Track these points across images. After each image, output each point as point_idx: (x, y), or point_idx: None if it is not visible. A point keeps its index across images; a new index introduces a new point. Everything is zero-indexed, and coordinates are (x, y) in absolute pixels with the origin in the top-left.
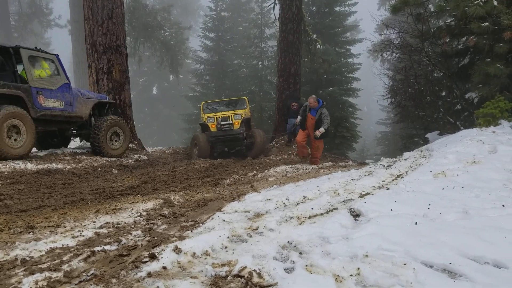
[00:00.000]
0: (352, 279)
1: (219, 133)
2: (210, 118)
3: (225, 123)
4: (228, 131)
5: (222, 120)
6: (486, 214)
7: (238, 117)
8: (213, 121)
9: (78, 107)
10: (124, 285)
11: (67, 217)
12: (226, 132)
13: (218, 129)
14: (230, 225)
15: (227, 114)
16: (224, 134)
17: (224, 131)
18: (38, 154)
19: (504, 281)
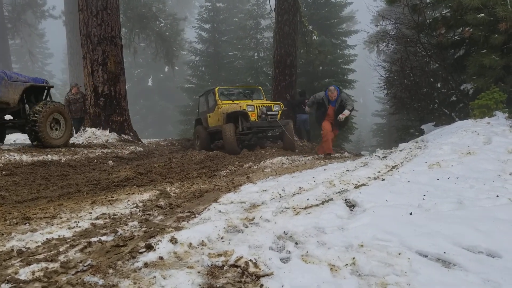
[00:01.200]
0: (347, 268)
1: (264, 123)
2: (249, 107)
3: (272, 114)
4: (274, 122)
5: (268, 110)
6: (480, 204)
7: (278, 107)
8: (253, 109)
9: (3, 92)
10: (121, 275)
11: (63, 208)
12: (271, 123)
13: (263, 119)
14: (226, 216)
15: (270, 104)
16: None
17: (269, 121)
18: None
19: (497, 270)
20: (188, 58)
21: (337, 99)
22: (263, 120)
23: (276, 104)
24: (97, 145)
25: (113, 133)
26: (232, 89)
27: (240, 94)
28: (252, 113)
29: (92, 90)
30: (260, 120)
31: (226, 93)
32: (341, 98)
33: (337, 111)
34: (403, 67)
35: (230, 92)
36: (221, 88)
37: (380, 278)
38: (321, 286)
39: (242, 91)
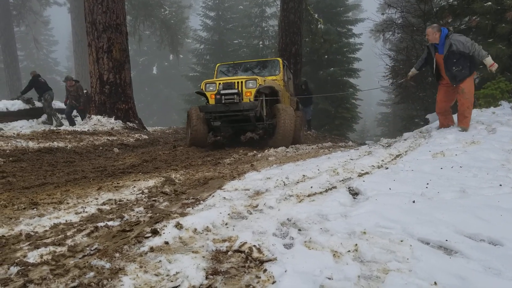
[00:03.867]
0: (349, 255)
1: (218, 107)
2: (210, 85)
3: (228, 93)
4: (232, 105)
5: (224, 88)
6: (483, 193)
7: (251, 85)
8: (214, 89)
9: None
10: (127, 259)
11: (69, 194)
12: (228, 107)
13: (217, 101)
14: (230, 202)
15: (234, 80)
16: (225, 110)
17: (225, 104)
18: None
19: (498, 258)
20: (193, 46)
21: (445, 42)
22: (218, 103)
23: (251, 79)
24: (103, 133)
25: (118, 120)
26: (236, 64)
27: (244, 69)
28: (211, 93)
29: (97, 77)
30: (215, 103)
31: (226, 70)
32: (451, 42)
33: (447, 60)
34: (409, 56)
35: (231, 67)
36: (222, 64)
37: (382, 264)
38: (324, 272)
39: (251, 66)
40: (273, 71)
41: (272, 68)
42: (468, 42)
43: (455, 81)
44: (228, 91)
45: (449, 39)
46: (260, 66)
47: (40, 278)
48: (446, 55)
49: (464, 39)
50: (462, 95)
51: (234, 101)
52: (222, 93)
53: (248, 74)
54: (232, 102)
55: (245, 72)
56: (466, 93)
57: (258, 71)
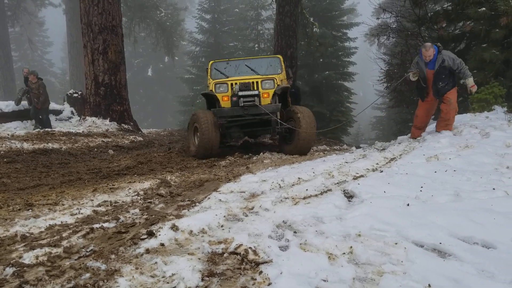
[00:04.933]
0: (344, 257)
1: (236, 111)
2: (221, 86)
3: (247, 95)
4: (252, 108)
5: (242, 89)
6: (476, 197)
7: (268, 85)
8: (226, 90)
9: None
10: (123, 260)
11: (65, 196)
12: (247, 110)
13: (234, 104)
14: (226, 204)
15: (251, 79)
16: (244, 114)
17: (243, 107)
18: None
19: (491, 261)
20: (188, 48)
21: (436, 59)
22: (235, 106)
23: (267, 78)
24: (97, 134)
25: (113, 122)
26: (232, 61)
27: (243, 68)
28: (223, 95)
29: (93, 79)
30: (231, 106)
31: (222, 68)
32: (443, 58)
33: (436, 75)
34: (403, 60)
35: (228, 65)
36: (216, 62)
37: (377, 267)
38: (319, 274)
39: (249, 64)
40: (274, 69)
41: (272, 66)
42: (457, 60)
43: (438, 96)
44: (247, 93)
45: (441, 54)
46: (259, 64)
47: (36, 279)
48: (437, 70)
49: (454, 56)
50: (449, 105)
51: (254, 104)
52: (240, 95)
53: (250, 74)
54: (251, 105)
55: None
56: (453, 103)
57: (259, 70)
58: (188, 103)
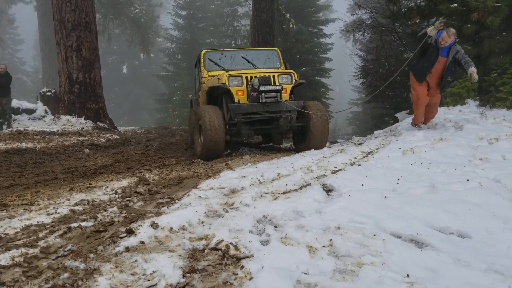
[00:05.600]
0: (325, 250)
1: (256, 107)
2: (235, 79)
3: (269, 90)
4: (273, 104)
5: (262, 83)
6: (452, 188)
7: (285, 80)
8: (240, 83)
9: None
10: (102, 259)
11: (40, 195)
12: (268, 107)
13: (254, 99)
14: (206, 201)
15: (269, 73)
16: (266, 111)
17: (264, 103)
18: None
19: (467, 250)
20: (164, 45)
21: (451, 48)
22: (254, 101)
23: (284, 72)
24: (72, 133)
25: (88, 120)
26: (227, 52)
27: (240, 59)
28: (238, 89)
29: (66, 77)
30: (249, 102)
31: (216, 59)
32: (457, 50)
33: (448, 66)
34: (378, 56)
35: (222, 56)
36: (209, 52)
37: (356, 258)
38: (300, 267)
39: (244, 55)
40: (273, 62)
41: (271, 59)
42: (462, 51)
43: (442, 89)
44: (269, 88)
45: (456, 46)
46: (256, 56)
47: (13, 280)
48: (450, 62)
49: (461, 48)
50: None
51: (276, 100)
52: (262, 90)
53: (248, 66)
54: (273, 101)
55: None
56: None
57: (256, 62)
58: (164, 100)
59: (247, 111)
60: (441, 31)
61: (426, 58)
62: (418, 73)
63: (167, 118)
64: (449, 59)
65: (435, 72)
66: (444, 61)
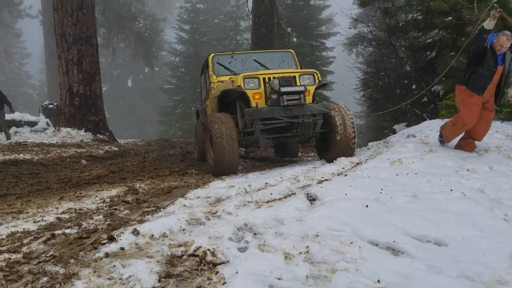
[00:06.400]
0: (301, 256)
1: (277, 111)
2: (251, 81)
3: (292, 91)
4: (295, 108)
5: (283, 84)
6: (434, 198)
7: (308, 81)
8: (257, 86)
9: None
10: (82, 264)
11: (30, 204)
12: (291, 111)
13: (274, 102)
14: (190, 209)
15: (290, 73)
16: (288, 116)
17: (287, 107)
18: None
19: (441, 257)
20: (168, 58)
21: (505, 55)
22: (274, 105)
23: (306, 72)
24: (71, 145)
25: (88, 132)
26: (238, 55)
27: (251, 63)
28: (255, 92)
29: (67, 89)
30: (270, 105)
31: (225, 62)
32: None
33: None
34: (377, 69)
35: (232, 59)
36: (217, 55)
37: (331, 265)
38: (274, 272)
39: (256, 58)
40: (288, 65)
41: (285, 62)
42: None
43: (497, 101)
44: (291, 89)
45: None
46: (270, 59)
47: None
48: (508, 70)
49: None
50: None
51: (300, 103)
52: (283, 92)
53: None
54: (296, 104)
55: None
56: None
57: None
58: (168, 113)
59: (267, 116)
60: (494, 34)
61: (485, 66)
62: (476, 85)
63: (170, 130)
64: (506, 67)
65: (491, 83)
66: (501, 70)
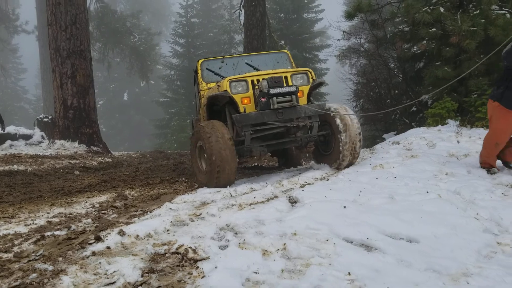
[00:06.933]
0: (278, 253)
1: (268, 115)
2: (237, 84)
3: (282, 92)
4: (288, 111)
5: (272, 85)
6: (410, 199)
7: (301, 80)
8: (245, 89)
9: None
10: (69, 262)
11: (22, 210)
12: (282, 114)
13: (264, 106)
14: (175, 212)
15: (280, 73)
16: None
17: (277, 110)
18: None
19: (411, 252)
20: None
21: None
22: (264, 109)
23: (298, 71)
24: (65, 156)
25: (82, 144)
26: (228, 59)
27: (244, 66)
28: (243, 96)
29: (61, 102)
30: (260, 109)
31: (215, 68)
32: None
33: None
34: (368, 79)
35: (223, 64)
36: (206, 61)
37: (306, 260)
38: (251, 267)
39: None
40: (283, 67)
41: (280, 63)
42: None
43: None
44: (281, 90)
45: None
46: (263, 61)
47: None
48: None
49: None
50: None
51: (292, 105)
52: (272, 93)
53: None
54: (287, 107)
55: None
56: None
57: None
58: (163, 126)
59: (256, 122)
60: None
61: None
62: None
63: (165, 143)
64: None
65: None
66: None
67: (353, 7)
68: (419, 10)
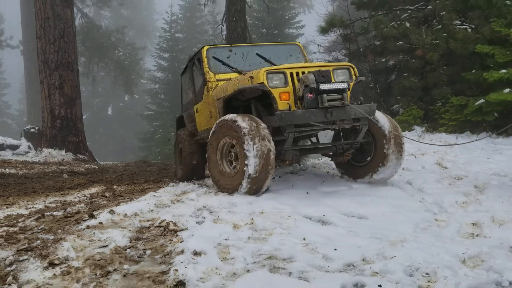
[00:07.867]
0: (247, 226)
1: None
2: (275, 76)
3: (333, 89)
4: (337, 111)
5: (320, 80)
6: (365, 187)
7: (344, 76)
8: (284, 83)
9: None
10: (68, 233)
11: (21, 199)
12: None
13: (311, 103)
14: (159, 198)
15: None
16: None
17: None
18: None
19: (359, 226)
20: (148, 86)
21: None
22: (310, 107)
23: (341, 66)
24: (53, 163)
25: (69, 153)
26: (237, 48)
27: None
28: (282, 91)
29: (49, 112)
30: (306, 106)
31: (223, 57)
32: None
33: None
34: None
35: (231, 54)
36: (212, 48)
37: (269, 231)
38: (222, 235)
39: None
40: (296, 60)
41: (293, 56)
42: None
43: None
44: (333, 86)
45: None
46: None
47: None
48: None
49: None
50: None
51: (342, 104)
52: (322, 89)
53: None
54: (337, 106)
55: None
56: None
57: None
58: (148, 139)
59: (303, 121)
60: None
61: None
62: None
63: (149, 155)
64: None
65: None
66: None
67: (327, 23)
68: (387, 25)
